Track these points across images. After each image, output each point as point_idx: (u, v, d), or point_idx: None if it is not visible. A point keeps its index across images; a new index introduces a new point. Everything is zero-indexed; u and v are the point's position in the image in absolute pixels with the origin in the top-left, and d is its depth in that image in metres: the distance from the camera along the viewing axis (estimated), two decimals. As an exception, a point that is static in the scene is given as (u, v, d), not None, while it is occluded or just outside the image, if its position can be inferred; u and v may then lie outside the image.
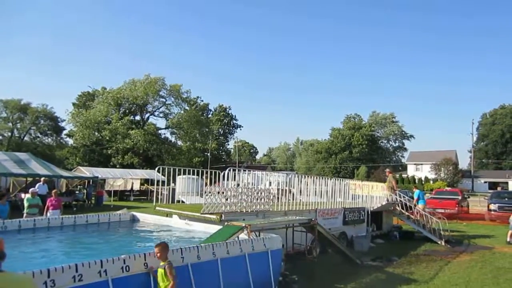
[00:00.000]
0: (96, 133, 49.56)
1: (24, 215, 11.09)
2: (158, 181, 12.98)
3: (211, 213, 8.48)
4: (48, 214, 11.29)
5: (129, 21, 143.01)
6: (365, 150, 76.76)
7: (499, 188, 53.74)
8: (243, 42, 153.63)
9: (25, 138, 61.73)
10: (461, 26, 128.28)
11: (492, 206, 21.89)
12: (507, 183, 64.73)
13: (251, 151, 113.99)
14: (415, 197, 16.46)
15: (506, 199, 23.33)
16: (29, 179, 22.35)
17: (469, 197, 31.27)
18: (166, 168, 11.06)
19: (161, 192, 12.26)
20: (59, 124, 62.92)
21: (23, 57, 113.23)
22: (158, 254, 4.80)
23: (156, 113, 54.13)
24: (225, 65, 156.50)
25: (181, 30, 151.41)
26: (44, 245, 7.19)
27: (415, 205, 15.79)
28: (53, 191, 12.65)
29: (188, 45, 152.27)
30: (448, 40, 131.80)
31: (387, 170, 17.94)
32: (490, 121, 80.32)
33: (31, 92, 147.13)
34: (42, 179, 18.93)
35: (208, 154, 70.67)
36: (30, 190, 12.44)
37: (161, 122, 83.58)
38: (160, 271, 4.76)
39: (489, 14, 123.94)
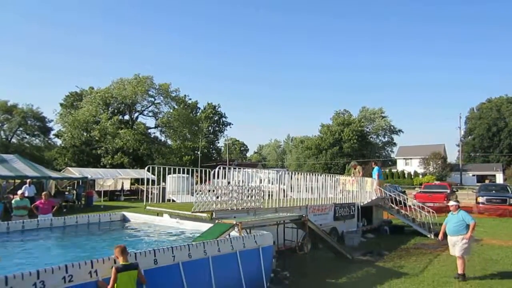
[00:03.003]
0: (85, 133, 49.05)
1: (12, 217, 10.96)
2: (148, 181, 12.92)
3: (202, 212, 8.47)
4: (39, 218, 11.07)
5: (108, 23, 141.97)
6: (355, 145, 77.14)
7: (487, 181, 54.49)
8: (230, 40, 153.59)
9: (13, 140, 60.84)
10: (450, 15, 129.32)
11: (480, 199, 22.20)
12: (494, 176, 65.63)
13: (242, 148, 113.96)
14: (376, 172, 16.09)
15: (494, 191, 23.66)
16: (17, 180, 22.07)
17: (457, 191, 31.71)
18: (156, 167, 11.02)
19: (152, 191, 12.21)
20: (47, 124, 62.14)
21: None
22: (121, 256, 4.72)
23: (145, 112, 53.73)
24: (212, 63, 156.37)
25: (166, 30, 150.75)
26: (33, 246, 7.12)
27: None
28: (43, 193, 11.88)
29: (174, 44, 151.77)
30: (437, 30, 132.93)
31: (352, 163, 18.09)
32: (477, 115, 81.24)
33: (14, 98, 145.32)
34: (28, 180, 18.64)
35: (198, 153, 70.45)
36: (18, 192, 12.28)
37: (150, 121, 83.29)
38: (132, 273, 4.66)
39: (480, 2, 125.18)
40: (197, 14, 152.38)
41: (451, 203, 9.08)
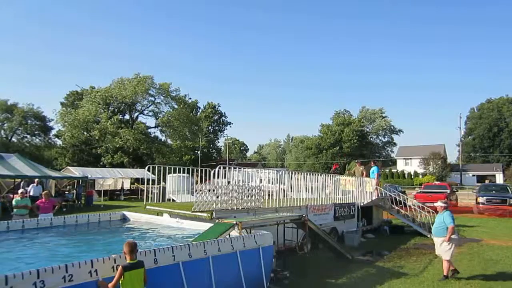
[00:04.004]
0: (85, 133, 49.05)
1: (13, 216, 10.94)
2: (148, 180, 12.90)
3: (202, 211, 8.46)
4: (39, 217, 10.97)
5: (108, 23, 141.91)
6: (356, 145, 77.15)
7: (487, 181, 54.43)
8: (230, 40, 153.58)
9: (13, 139, 60.82)
10: (450, 16, 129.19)
11: (480, 199, 22.18)
12: (494, 176, 65.59)
13: (242, 148, 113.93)
14: (376, 172, 16.07)
15: (494, 192, 23.65)
16: (17, 180, 22.05)
17: (457, 191, 31.66)
18: (157, 167, 11.01)
19: (152, 191, 12.20)
20: (47, 124, 62.11)
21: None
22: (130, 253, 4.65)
23: (145, 112, 53.72)
24: (213, 63, 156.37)
25: (167, 30, 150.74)
26: (33, 246, 7.11)
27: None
28: (43, 192, 11.82)
29: (175, 44, 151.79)
30: (438, 30, 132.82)
31: (357, 161, 17.96)
32: (477, 115, 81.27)
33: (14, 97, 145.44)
34: (36, 180, 18.58)
35: (199, 152, 70.41)
36: (19, 191, 12.27)
37: (150, 121, 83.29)
38: (140, 271, 4.62)
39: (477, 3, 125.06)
40: (198, 15, 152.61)
41: (438, 203, 9.10)
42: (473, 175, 67.94)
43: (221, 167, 9.52)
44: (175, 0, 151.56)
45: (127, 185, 36.18)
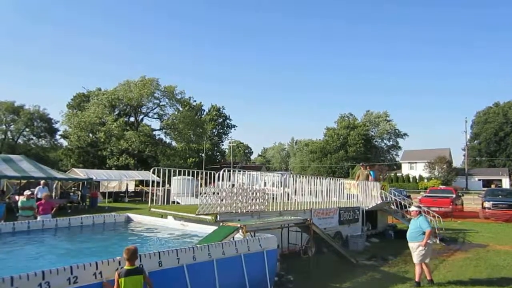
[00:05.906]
0: (91, 135, 49.34)
1: (18, 217, 11.00)
2: (153, 182, 12.93)
3: (206, 214, 8.46)
4: (38, 218, 10.78)
5: (110, 26, 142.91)
6: (361, 149, 76.91)
7: (493, 186, 54.08)
8: (234, 43, 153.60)
9: (19, 140, 61.32)
10: (455, 19, 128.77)
11: (486, 204, 21.98)
12: (500, 180, 65.11)
13: (246, 151, 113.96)
14: (372, 177, 16.01)
15: (500, 196, 23.45)
16: (23, 181, 22.18)
17: (463, 195, 31.41)
18: (161, 169, 11.02)
19: (156, 193, 12.21)
20: (53, 125, 62.60)
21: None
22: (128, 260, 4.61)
23: (150, 114, 53.96)
24: (216, 66, 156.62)
25: (170, 33, 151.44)
26: (38, 247, 7.14)
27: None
28: (43, 194, 12.00)
29: (178, 48, 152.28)
30: (441, 34, 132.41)
31: (361, 164, 17.85)
32: (483, 120, 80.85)
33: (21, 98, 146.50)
34: (42, 182, 18.64)
35: (203, 155, 70.53)
36: (25, 192, 12.33)
37: (155, 123, 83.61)
38: (137, 278, 4.58)
39: (481, 6, 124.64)
40: (198, 18, 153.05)
41: (412, 208, 9.03)
42: (479, 180, 67.43)
43: (225, 170, 9.52)
44: (175, 1, 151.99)
45: (131, 187, 36.29)
